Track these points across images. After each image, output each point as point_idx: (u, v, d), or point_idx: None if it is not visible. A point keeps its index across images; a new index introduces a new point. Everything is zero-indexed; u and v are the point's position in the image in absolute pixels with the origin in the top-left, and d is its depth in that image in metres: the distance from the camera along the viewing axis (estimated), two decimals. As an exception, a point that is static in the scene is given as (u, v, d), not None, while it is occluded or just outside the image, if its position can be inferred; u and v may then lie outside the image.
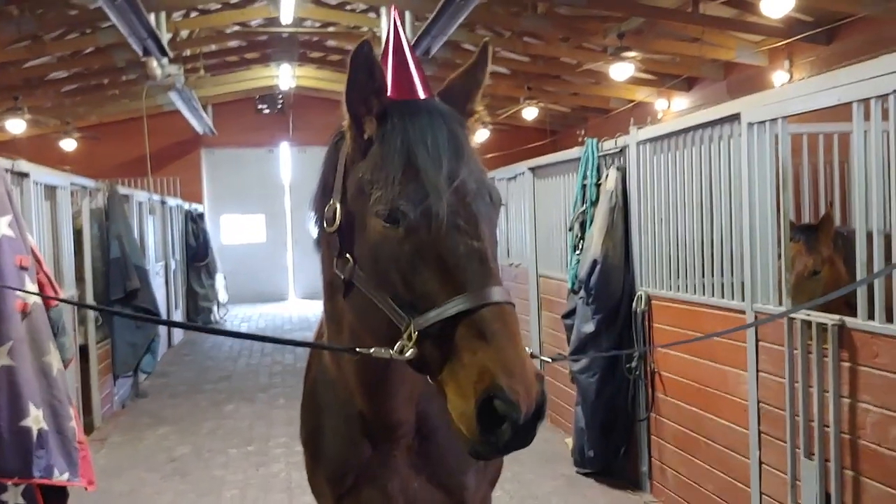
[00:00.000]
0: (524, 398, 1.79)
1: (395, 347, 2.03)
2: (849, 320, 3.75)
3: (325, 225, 2.31)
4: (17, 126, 15.47)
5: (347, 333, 2.39)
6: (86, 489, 5.57)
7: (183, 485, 6.60)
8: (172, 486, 6.57)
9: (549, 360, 2.55)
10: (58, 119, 17.47)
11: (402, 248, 2.04)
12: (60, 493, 5.51)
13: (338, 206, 2.25)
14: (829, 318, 3.83)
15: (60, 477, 5.29)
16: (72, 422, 5.51)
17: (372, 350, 2.11)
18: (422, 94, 2.26)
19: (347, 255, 2.21)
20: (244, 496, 6.31)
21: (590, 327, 6.03)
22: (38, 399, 5.27)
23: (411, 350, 2.00)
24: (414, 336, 1.99)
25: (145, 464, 7.22)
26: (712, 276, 5.07)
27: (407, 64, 2.29)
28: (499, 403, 1.80)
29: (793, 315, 4.09)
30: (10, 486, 5.11)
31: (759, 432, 4.46)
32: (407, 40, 2.36)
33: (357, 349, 2.19)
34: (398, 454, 2.55)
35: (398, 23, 2.37)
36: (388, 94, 2.19)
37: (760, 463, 4.46)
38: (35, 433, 5.19)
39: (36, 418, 5.22)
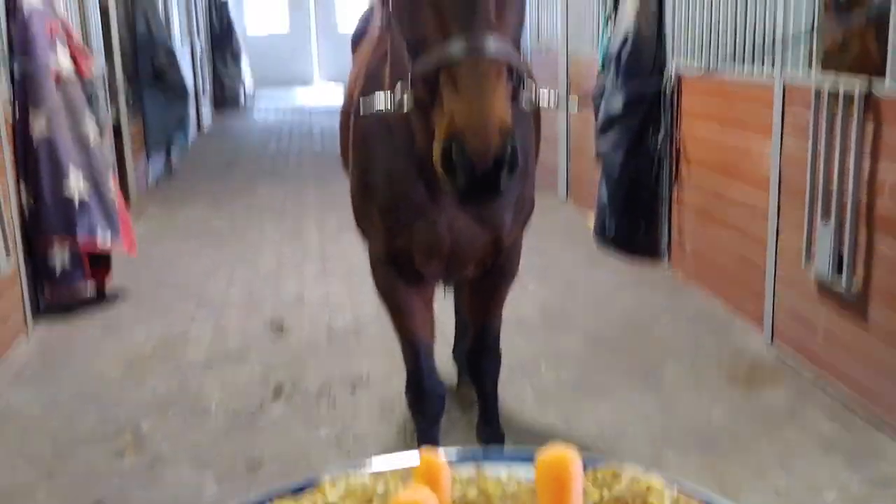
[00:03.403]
0: (478, 148, 1.83)
1: (396, 98, 2.11)
2: (876, 87, 3.76)
3: None
4: None
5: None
6: (128, 253, 5.89)
7: (220, 253, 6.91)
8: (210, 254, 6.88)
9: (576, 102, 2.60)
10: None
11: None
12: (105, 262, 5.81)
13: None
14: (857, 85, 3.83)
15: (103, 235, 5.56)
16: (111, 192, 5.74)
17: (375, 108, 2.18)
18: None
19: None
20: (280, 264, 6.61)
21: (617, 104, 6.04)
22: (79, 169, 5.46)
23: (408, 97, 2.08)
24: (408, 83, 2.07)
25: (182, 234, 7.53)
26: (744, 50, 5.02)
27: None
28: (454, 150, 1.87)
29: (820, 86, 4.09)
30: (58, 250, 5.39)
31: (779, 200, 4.57)
32: None
33: (361, 105, 2.25)
34: (447, 196, 2.68)
35: None
36: None
37: (777, 231, 4.60)
38: (77, 202, 5.42)
39: (77, 188, 5.44)
